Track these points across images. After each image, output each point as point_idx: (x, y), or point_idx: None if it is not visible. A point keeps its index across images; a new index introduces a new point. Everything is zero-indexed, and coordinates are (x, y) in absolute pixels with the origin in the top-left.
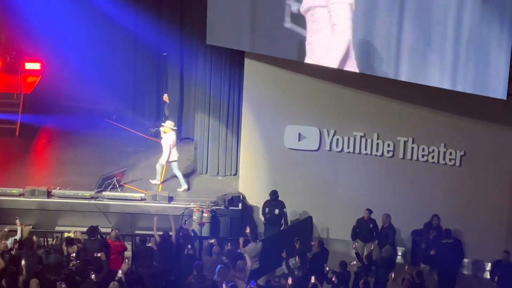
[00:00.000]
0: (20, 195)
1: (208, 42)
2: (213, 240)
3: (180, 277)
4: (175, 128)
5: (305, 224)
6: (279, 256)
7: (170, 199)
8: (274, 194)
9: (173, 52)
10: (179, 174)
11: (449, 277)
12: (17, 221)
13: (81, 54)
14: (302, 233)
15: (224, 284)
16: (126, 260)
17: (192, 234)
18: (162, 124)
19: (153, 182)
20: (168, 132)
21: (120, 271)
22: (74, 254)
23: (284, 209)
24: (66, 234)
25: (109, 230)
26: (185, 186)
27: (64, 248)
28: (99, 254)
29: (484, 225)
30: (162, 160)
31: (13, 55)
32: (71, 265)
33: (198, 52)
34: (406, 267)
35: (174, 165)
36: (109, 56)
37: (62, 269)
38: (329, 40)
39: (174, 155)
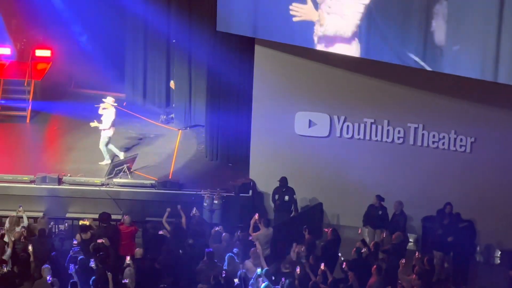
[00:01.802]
0: (31, 182)
1: (218, 28)
2: (219, 227)
3: (190, 265)
4: (116, 104)
5: (315, 210)
6: (290, 243)
7: (181, 185)
8: (283, 180)
9: (183, 39)
10: (105, 150)
11: (463, 263)
12: (20, 208)
13: (91, 41)
14: (312, 220)
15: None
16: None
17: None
18: (103, 100)
19: (103, 163)
20: (108, 108)
21: (128, 258)
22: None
23: (294, 196)
24: (81, 222)
25: (119, 217)
26: (108, 161)
27: (79, 235)
28: (102, 240)
29: (494, 211)
30: (106, 136)
31: (23, 42)
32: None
33: (208, 39)
34: (417, 254)
35: (101, 138)
36: (119, 43)
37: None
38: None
39: (112, 131)
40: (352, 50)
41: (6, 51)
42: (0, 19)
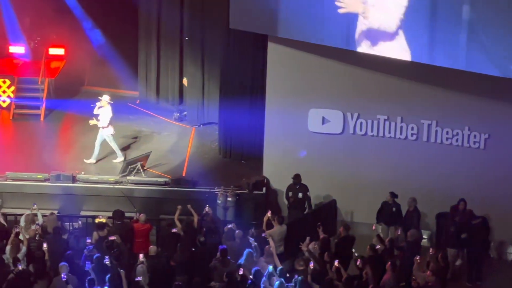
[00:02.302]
0: (45, 180)
1: (231, 26)
2: (232, 225)
3: (203, 262)
4: (112, 101)
5: (329, 207)
6: (304, 240)
7: (195, 183)
8: (297, 177)
9: (196, 36)
10: (116, 146)
11: (477, 260)
12: (35, 206)
13: (104, 39)
14: (326, 217)
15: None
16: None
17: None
18: (99, 98)
19: (117, 160)
20: (105, 106)
21: (141, 255)
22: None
23: (308, 193)
24: (97, 220)
25: (133, 214)
26: (92, 161)
27: (95, 233)
28: (114, 237)
29: (508, 208)
30: (108, 134)
31: (37, 41)
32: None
33: (221, 36)
34: (431, 250)
35: (106, 138)
36: (132, 41)
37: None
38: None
39: (112, 128)
40: (395, 47)
41: (20, 49)
42: (14, 18)
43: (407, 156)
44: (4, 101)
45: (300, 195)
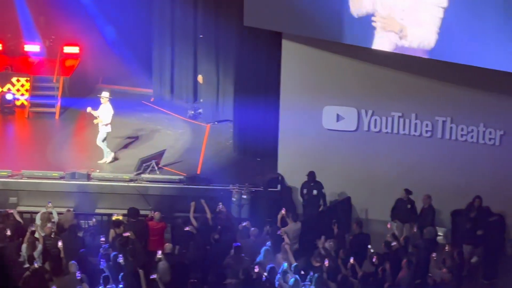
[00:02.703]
0: (61, 178)
1: (245, 23)
2: (246, 223)
3: (218, 260)
4: (111, 97)
5: (344, 205)
6: (319, 237)
7: (209, 181)
8: (311, 175)
9: (210, 33)
10: (105, 145)
11: (492, 257)
12: (50, 204)
13: (119, 37)
14: (341, 214)
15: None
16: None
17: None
18: (98, 95)
19: (108, 160)
20: (105, 103)
21: (159, 252)
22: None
23: (323, 190)
24: (114, 217)
25: (148, 212)
26: (108, 159)
27: (112, 230)
28: (128, 234)
29: None
30: (105, 131)
31: (52, 39)
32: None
33: (235, 34)
34: (447, 247)
35: (103, 137)
36: (146, 38)
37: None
38: None
39: (110, 127)
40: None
41: (35, 48)
42: (29, 17)
43: (422, 153)
44: (17, 99)
45: (314, 192)
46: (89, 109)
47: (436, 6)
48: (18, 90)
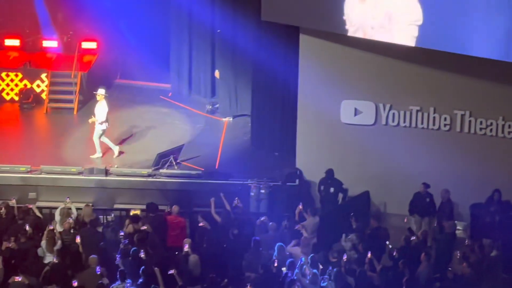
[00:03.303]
0: (79, 173)
1: (263, 18)
2: (264, 218)
3: (236, 254)
4: (107, 94)
5: (362, 199)
6: (337, 231)
7: (228, 175)
8: (329, 172)
9: (227, 28)
10: (99, 143)
11: None
12: (68, 199)
13: (136, 32)
14: (359, 208)
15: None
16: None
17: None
18: (94, 93)
19: (95, 156)
20: (101, 100)
21: (186, 246)
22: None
23: (343, 186)
24: (132, 212)
25: (166, 207)
26: (100, 155)
27: (131, 225)
28: (145, 227)
29: None
30: (100, 128)
31: (69, 35)
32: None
33: (253, 28)
34: (467, 241)
35: (100, 134)
36: (164, 34)
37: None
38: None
39: (106, 124)
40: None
41: (53, 44)
42: (46, 13)
43: (440, 147)
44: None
45: (331, 190)
46: (91, 120)
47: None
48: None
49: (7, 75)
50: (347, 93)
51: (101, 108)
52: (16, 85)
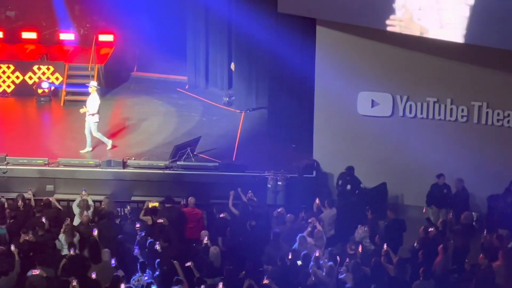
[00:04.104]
0: (97, 166)
1: (279, 10)
2: (281, 209)
3: (254, 247)
4: (99, 87)
5: (379, 190)
6: (354, 223)
7: (244, 167)
8: (350, 169)
9: (244, 20)
10: (96, 136)
11: None
12: (84, 191)
13: (152, 24)
14: (376, 200)
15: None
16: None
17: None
18: (87, 84)
19: (85, 151)
20: (93, 92)
21: (205, 238)
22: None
23: (361, 185)
24: (150, 204)
25: (182, 199)
26: (90, 149)
27: (149, 217)
28: (161, 220)
29: None
30: (93, 121)
31: (86, 28)
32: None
33: (269, 20)
34: (485, 232)
35: (94, 128)
36: (181, 26)
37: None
38: None
39: (98, 116)
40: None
41: (70, 36)
42: (63, 6)
43: (458, 138)
44: (52, 87)
45: (348, 187)
46: (82, 110)
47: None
48: (48, 78)
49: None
50: (364, 84)
51: (93, 100)
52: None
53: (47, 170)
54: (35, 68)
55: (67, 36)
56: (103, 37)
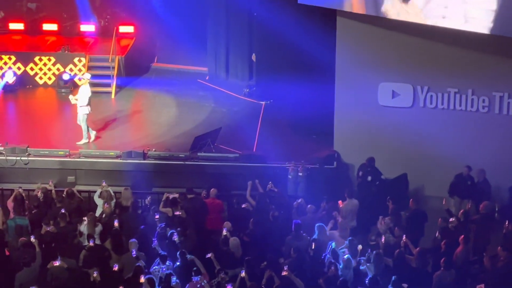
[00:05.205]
0: (117, 157)
1: (300, 1)
2: (300, 200)
3: (275, 237)
4: (90, 79)
5: (401, 181)
6: (375, 214)
7: (265, 158)
8: (370, 161)
9: (264, 12)
10: (85, 128)
11: None
12: (104, 183)
13: (173, 16)
14: (397, 191)
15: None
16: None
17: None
18: (81, 76)
19: (81, 142)
20: (85, 84)
21: (225, 229)
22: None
23: (382, 176)
24: (171, 196)
25: (202, 190)
26: (86, 140)
27: (169, 209)
28: (179, 213)
29: None
30: (83, 113)
31: (107, 19)
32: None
33: (290, 11)
34: (507, 223)
35: (83, 118)
36: (201, 17)
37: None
38: None
39: (89, 108)
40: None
41: (90, 28)
42: None
43: (479, 129)
44: (73, 79)
45: (369, 178)
46: (72, 100)
47: None
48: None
49: (40, 59)
50: (385, 75)
51: (84, 92)
52: (49, 69)
53: (68, 161)
54: (75, 60)
55: (87, 27)
56: (123, 29)
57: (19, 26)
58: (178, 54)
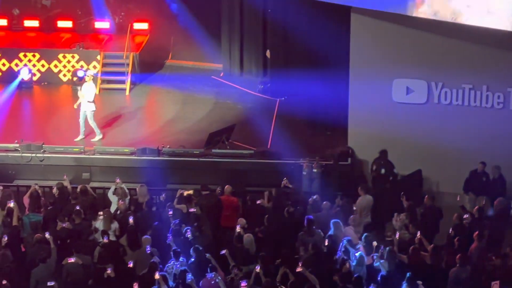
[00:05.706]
0: (132, 153)
1: None
2: (316, 196)
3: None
4: (94, 76)
5: (415, 177)
6: (389, 210)
7: (280, 155)
8: (382, 153)
9: (279, 8)
10: (90, 125)
11: None
12: (118, 180)
13: (187, 12)
14: (411, 187)
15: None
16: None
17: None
18: (85, 73)
19: (96, 139)
20: (88, 81)
21: (238, 226)
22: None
23: (394, 170)
24: (186, 192)
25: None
26: (100, 136)
27: (184, 206)
28: (194, 210)
29: None
30: (90, 110)
31: (121, 16)
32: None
33: (304, 8)
34: None
35: (90, 116)
36: (215, 14)
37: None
38: None
39: (95, 105)
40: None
41: (105, 25)
42: None
43: (493, 125)
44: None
45: (382, 171)
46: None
47: None
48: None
49: (64, 57)
50: (399, 71)
51: (89, 89)
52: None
53: (83, 158)
54: (98, 57)
55: (102, 24)
56: (138, 25)
57: (34, 23)
58: (192, 51)
